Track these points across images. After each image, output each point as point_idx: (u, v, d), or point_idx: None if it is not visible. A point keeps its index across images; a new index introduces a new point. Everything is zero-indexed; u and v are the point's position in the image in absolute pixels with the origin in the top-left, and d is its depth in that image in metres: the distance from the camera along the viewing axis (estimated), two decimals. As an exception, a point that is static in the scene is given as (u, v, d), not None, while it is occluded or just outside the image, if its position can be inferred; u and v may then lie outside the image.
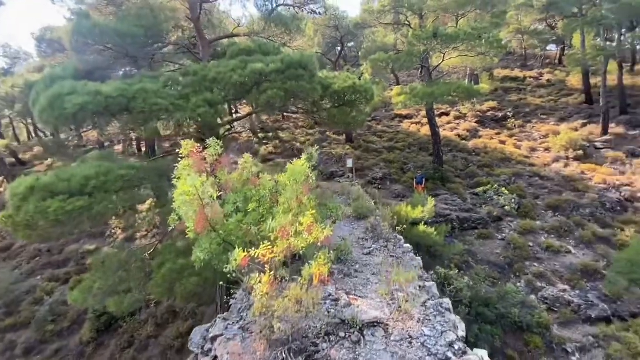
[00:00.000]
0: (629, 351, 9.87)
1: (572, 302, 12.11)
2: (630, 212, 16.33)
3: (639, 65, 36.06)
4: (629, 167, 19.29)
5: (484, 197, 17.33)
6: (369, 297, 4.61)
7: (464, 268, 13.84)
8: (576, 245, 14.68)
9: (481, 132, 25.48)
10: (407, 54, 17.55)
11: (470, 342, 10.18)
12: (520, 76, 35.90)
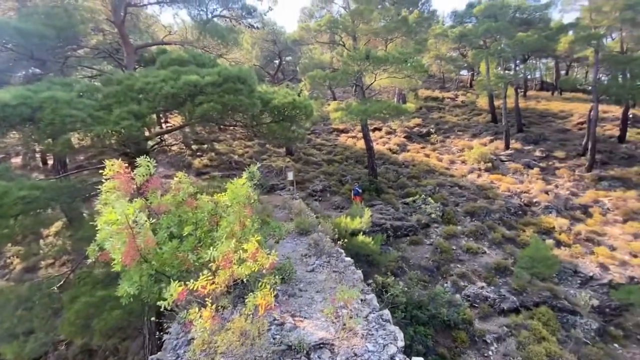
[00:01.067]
0: (535, 336, 11.51)
1: (488, 297, 13.73)
2: (529, 215, 19.34)
3: (530, 91, 43.61)
4: (526, 177, 22.95)
5: (413, 205, 18.85)
6: (314, 317, 4.61)
7: (399, 274, 14.76)
8: (490, 246, 16.79)
9: (409, 146, 27.86)
10: (343, 72, 18.49)
11: (407, 344, 10.87)
12: (440, 97, 40.42)
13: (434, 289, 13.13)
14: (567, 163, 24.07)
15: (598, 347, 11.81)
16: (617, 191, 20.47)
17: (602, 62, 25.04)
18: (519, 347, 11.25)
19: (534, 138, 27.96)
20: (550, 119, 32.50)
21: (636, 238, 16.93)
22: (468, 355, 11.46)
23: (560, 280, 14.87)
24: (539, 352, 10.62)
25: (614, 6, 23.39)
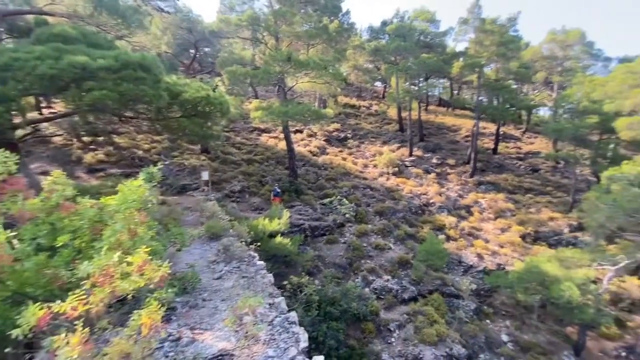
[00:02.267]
0: (428, 320, 13.13)
1: (393, 289, 15.17)
2: (427, 214, 22.07)
3: (430, 106, 49.90)
4: (425, 181, 26.15)
5: (330, 206, 19.68)
6: (216, 328, 4.37)
7: (315, 272, 15.20)
8: (395, 242, 18.59)
9: (328, 150, 29.04)
10: (264, 71, 18.22)
11: (320, 340, 11.26)
12: (356, 104, 43.21)
13: (346, 284, 13.89)
14: (456, 170, 28.30)
15: (475, 324, 14.15)
16: (491, 193, 24.96)
17: (483, 86, 30.21)
18: (416, 331, 12.72)
19: (432, 147, 32.12)
20: (445, 131, 37.80)
21: (503, 232, 20.89)
22: (374, 344, 12.44)
23: (448, 270, 17.36)
24: (431, 333, 12.19)
25: (492, 42, 28.49)
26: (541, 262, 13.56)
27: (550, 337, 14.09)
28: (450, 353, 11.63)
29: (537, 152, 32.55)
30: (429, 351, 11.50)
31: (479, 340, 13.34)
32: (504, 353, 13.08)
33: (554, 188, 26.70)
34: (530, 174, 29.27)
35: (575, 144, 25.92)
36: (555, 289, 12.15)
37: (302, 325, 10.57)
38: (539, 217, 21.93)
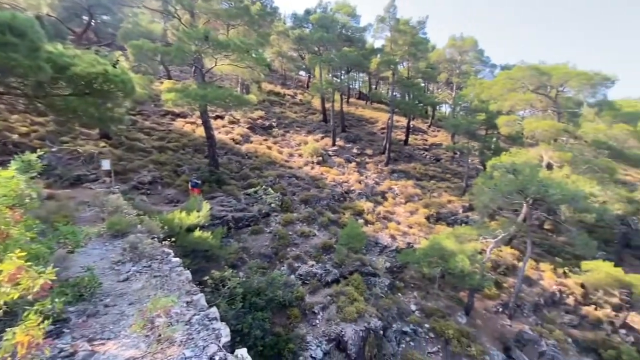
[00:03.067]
0: (349, 299, 14.02)
1: (317, 273, 15.74)
2: (348, 201, 23.33)
3: (351, 98, 52.33)
4: (347, 169, 27.54)
5: (255, 196, 19.25)
6: (122, 336, 3.87)
7: (239, 265, 14.78)
8: (319, 229, 19.23)
9: (252, 138, 28.16)
10: (178, 49, 16.47)
11: (244, 332, 11.07)
12: (281, 92, 42.70)
13: (272, 274, 13.88)
14: (373, 159, 30.49)
15: (389, 298, 15.69)
16: (402, 180, 27.66)
17: (397, 83, 32.92)
18: (338, 310, 13.47)
19: (353, 138, 33.91)
20: (364, 123, 40.24)
21: (412, 214, 23.42)
22: (300, 328, 12.79)
23: (367, 251, 18.77)
24: (351, 311, 13.07)
25: (405, 41, 31.08)
26: (441, 239, 15.69)
27: (448, 302, 16.54)
28: (368, 327, 12.69)
29: (439, 144, 37.18)
30: (350, 328, 12.35)
31: (392, 312, 14.86)
32: (412, 320, 14.86)
33: (452, 175, 30.99)
34: (434, 163, 33.35)
35: (468, 137, 30.36)
36: (452, 261, 14.23)
37: (226, 320, 10.21)
38: (440, 201, 25.26)
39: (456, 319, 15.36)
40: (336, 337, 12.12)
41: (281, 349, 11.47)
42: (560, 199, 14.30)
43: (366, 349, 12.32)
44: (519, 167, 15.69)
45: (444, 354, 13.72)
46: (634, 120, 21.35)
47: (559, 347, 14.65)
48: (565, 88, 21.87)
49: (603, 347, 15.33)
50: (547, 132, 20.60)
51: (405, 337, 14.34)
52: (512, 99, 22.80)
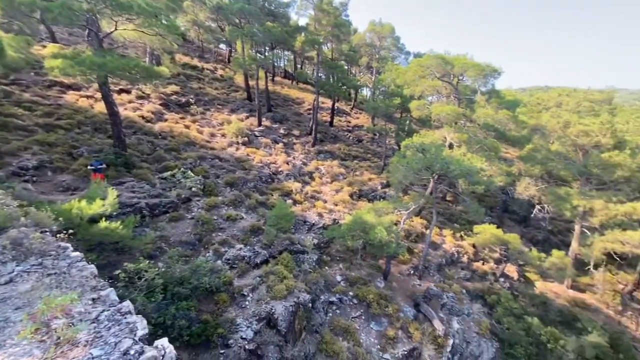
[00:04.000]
0: (279, 278, 14.24)
1: (245, 256, 15.51)
2: (276, 182, 23.23)
3: (277, 77, 51.06)
4: (274, 150, 27.21)
5: (172, 180, 17.71)
6: (8, 345, 3.23)
7: (157, 255, 13.64)
8: (246, 211, 18.82)
9: (167, 116, 25.52)
10: (63, 6, 13.58)
11: (168, 324, 10.42)
12: (199, 66, 39.25)
13: (196, 261, 13.20)
14: (300, 140, 30.72)
15: (316, 272, 16.42)
16: (328, 161, 28.64)
17: (321, 63, 33.21)
18: (268, 290, 13.60)
19: (280, 118, 33.46)
20: (291, 103, 39.94)
21: (337, 192, 24.57)
22: (229, 312, 12.58)
23: (295, 230, 19.16)
24: (281, 289, 13.33)
25: (328, 22, 31.26)
26: (363, 214, 16.90)
27: (369, 270, 18.13)
28: (298, 301, 13.17)
29: (361, 126, 39.30)
30: (280, 305, 12.63)
31: (320, 284, 15.66)
32: (338, 290, 15.93)
33: (372, 155, 33.27)
34: (356, 144, 35.23)
35: (386, 119, 32.72)
36: (372, 233, 15.53)
37: (145, 314, 9.43)
38: (362, 179, 27.01)
39: (376, 284, 16.99)
40: (266, 316, 12.29)
41: (210, 335, 11.18)
42: (458, 174, 16.64)
43: (296, 323, 12.82)
44: (426, 147, 17.64)
45: (366, 316, 15.16)
46: (513, 107, 25.72)
47: (456, 298, 17.49)
48: (465, 77, 25.04)
49: (488, 294, 18.84)
50: (450, 115, 23.47)
51: (332, 307, 15.34)
52: (422, 85, 25.20)
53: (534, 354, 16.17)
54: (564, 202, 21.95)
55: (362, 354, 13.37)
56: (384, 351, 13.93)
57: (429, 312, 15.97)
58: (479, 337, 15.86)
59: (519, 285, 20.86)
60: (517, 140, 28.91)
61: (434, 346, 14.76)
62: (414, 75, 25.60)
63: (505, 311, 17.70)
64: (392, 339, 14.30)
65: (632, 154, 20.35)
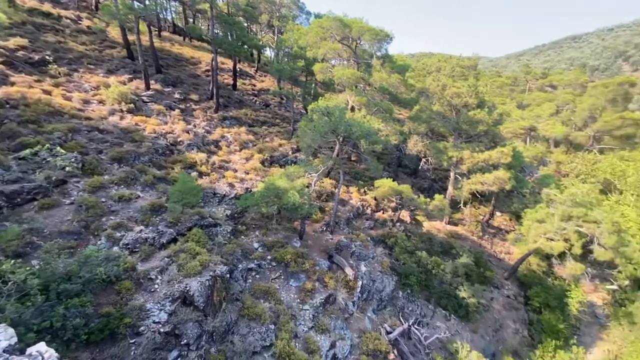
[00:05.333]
0: (191, 255, 13.47)
1: (148, 237, 14.08)
2: (176, 154, 21.05)
3: (164, 32, 44.13)
4: (169, 118, 24.25)
5: (35, 160, 14.30)
6: None
7: (29, 251, 11.24)
8: (143, 189, 16.75)
9: (14, 78, 19.81)
10: None
11: (57, 326, 8.95)
12: (53, 13, 30.92)
13: (85, 251, 11.38)
14: (201, 105, 28.06)
15: (232, 243, 16.11)
16: (235, 128, 27.16)
17: (216, 18, 29.93)
18: (179, 269, 12.79)
19: (172, 80, 29.60)
20: (184, 63, 35.52)
21: (248, 160, 23.82)
22: (136, 299, 11.49)
23: (205, 204, 18.12)
24: (194, 265, 12.69)
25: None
26: (275, 180, 16.92)
27: (285, 233, 18.69)
28: (214, 274, 12.82)
29: (267, 89, 37.97)
30: (195, 281, 12.10)
31: (236, 254, 15.50)
32: (256, 257, 16.08)
33: (281, 120, 32.87)
34: (264, 109, 34.13)
35: (291, 83, 32.30)
36: (285, 198, 15.79)
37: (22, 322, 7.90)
38: (273, 145, 26.69)
39: (292, 244, 17.72)
40: (181, 295, 11.67)
41: (115, 327, 10.10)
42: (360, 135, 17.89)
43: (214, 295, 12.57)
44: (331, 110, 18.25)
45: (285, 276, 15.86)
46: (403, 71, 28.31)
47: (362, 245, 19.66)
48: (362, 41, 26.10)
49: (388, 238, 21.71)
50: (350, 79, 24.53)
51: (251, 273, 15.50)
52: (324, 47, 25.37)
53: (423, 280, 19.75)
54: (442, 154, 26.11)
55: (284, 310, 14.13)
56: (303, 303, 14.98)
57: (341, 262, 17.63)
58: (382, 274, 18.41)
59: (411, 227, 24.62)
60: (407, 102, 32.41)
61: (346, 289, 16.57)
62: (316, 37, 25.49)
63: (401, 250, 20.82)
64: (310, 291, 15.43)
65: (489, 111, 25.11)
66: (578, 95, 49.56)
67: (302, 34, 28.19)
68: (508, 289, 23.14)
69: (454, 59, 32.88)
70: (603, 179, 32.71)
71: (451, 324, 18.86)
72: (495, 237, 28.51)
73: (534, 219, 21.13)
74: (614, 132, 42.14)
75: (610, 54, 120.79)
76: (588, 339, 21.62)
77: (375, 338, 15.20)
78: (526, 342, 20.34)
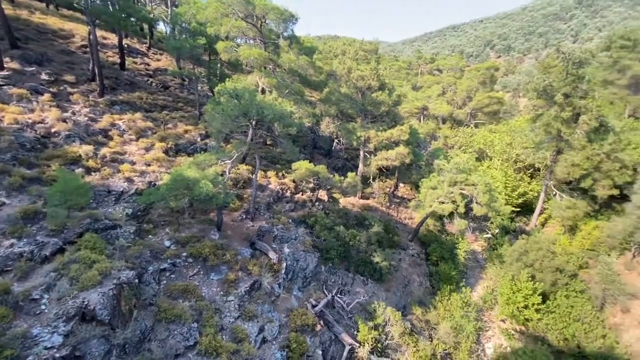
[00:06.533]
0: (86, 264, 11.60)
1: (24, 252, 11.63)
2: (51, 148, 17.44)
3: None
4: (37, 105, 19.75)
5: None
6: None
7: None
8: (8, 194, 13.56)
9: None
10: None
11: None
12: None
13: None
14: (79, 88, 23.54)
15: (138, 244, 14.43)
16: (128, 114, 23.73)
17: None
18: (72, 282, 10.95)
19: (36, 58, 23.96)
20: (51, 37, 29.02)
21: (148, 151, 21.25)
22: (17, 326, 9.54)
23: (98, 204, 15.68)
24: (92, 275, 11.01)
25: None
26: (183, 170, 15.54)
27: (201, 226, 17.59)
28: (120, 281, 11.39)
29: (165, 69, 33.93)
30: (95, 293, 10.55)
31: (144, 256, 13.99)
32: (169, 255, 14.80)
33: (184, 104, 30.02)
34: (162, 92, 30.56)
35: (193, 62, 29.55)
36: (197, 189, 14.71)
37: None
38: (177, 132, 24.32)
39: (210, 237, 16.84)
40: (78, 311, 10.05)
41: (-14, 367, 8.22)
42: (273, 118, 17.63)
43: (122, 304, 11.23)
44: (240, 92, 17.42)
45: (204, 270, 15.07)
46: (310, 53, 28.63)
47: (284, 228, 19.91)
48: (268, 20, 25.25)
49: (308, 218, 22.42)
50: (258, 60, 23.70)
51: (165, 273, 14.27)
52: (227, 25, 23.75)
53: (342, 252, 21.19)
54: (352, 135, 27.77)
55: (206, 306, 13.51)
56: (227, 295, 14.57)
57: (264, 247, 17.58)
58: (305, 253, 19.06)
59: (329, 205, 25.90)
60: (318, 85, 33.14)
61: (271, 273, 16.70)
62: (216, 13, 23.62)
63: (321, 227, 21.82)
64: (234, 281, 15.05)
65: (389, 93, 27.49)
66: (458, 78, 58.08)
67: (199, 8, 25.77)
68: (412, 248, 26.62)
69: (357, 42, 34.57)
70: (478, 149, 39.62)
71: (369, 288, 20.88)
72: (400, 205, 32.15)
73: (428, 187, 24.45)
74: (484, 109, 51.09)
75: (480, 43, 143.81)
76: (473, 280, 26.63)
77: (303, 314, 15.85)
78: (428, 291, 23.95)
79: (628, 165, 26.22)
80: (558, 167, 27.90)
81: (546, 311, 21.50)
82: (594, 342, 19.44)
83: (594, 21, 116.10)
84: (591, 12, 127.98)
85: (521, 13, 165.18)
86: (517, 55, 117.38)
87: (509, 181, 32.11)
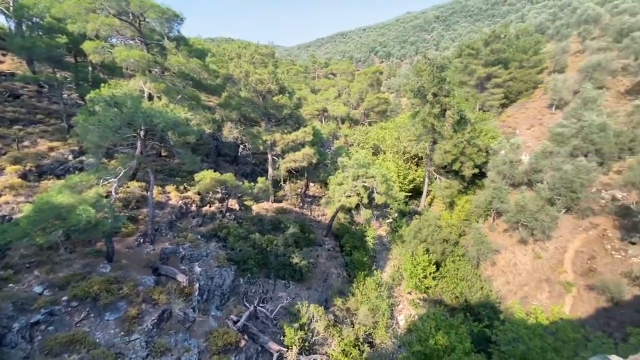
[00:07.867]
0: None
1: None
2: None
3: None
4: None
5: None
6: None
7: None
8: None
9: None
10: None
11: None
12: None
13: None
14: None
15: (-8, 299, 11.20)
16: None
17: None
18: None
19: None
20: None
21: None
22: None
23: None
24: None
25: None
26: (52, 197, 12.68)
27: (85, 260, 14.70)
28: (-36, 355, 8.60)
29: (11, 74, 27.17)
30: None
31: (6, 312, 10.95)
32: (43, 304, 11.91)
33: (45, 115, 24.62)
34: (10, 102, 24.42)
35: (53, 65, 24.49)
36: (74, 217, 12.20)
37: None
38: (37, 150, 19.77)
39: (99, 271, 14.23)
40: None
41: None
42: (165, 126, 15.91)
43: (-28, 384, 8.51)
44: (120, 99, 15.15)
45: (95, 312, 12.64)
46: (202, 56, 26.92)
47: (192, 246, 18.27)
48: (148, 19, 22.65)
49: (219, 230, 21.09)
50: (139, 62, 21.10)
51: (40, 327, 11.46)
52: (95, 22, 20.42)
53: (261, 260, 20.67)
54: (257, 139, 27.32)
55: (103, 353, 11.35)
56: (130, 333, 12.55)
57: (170, 271, 15.78)
58: (219, 269, 17.88)
59: (241, 213, 24.92)
60: (215, 89, 31.40)
61: (182, 298, 15.12)
62: (78, 7, 20.04)
63: (235, 238, 20.82)
64: (136, 316, 13.06)
65: (290, 96, 27.98)
66: (350, 82, 63.13)
67: (54, 1, 21.48)
68: (328, 243, 27.81)
69: (252, 46, 34.13)
70: (373, 144, 43.85)
71: (291, 290, 20.91)
72: (312, 204, 33.19)
73: (335, 183, 25.88)
74: (375, 109, 56.88)
75: (366, 49, 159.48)
76: (382, 263, 29.36)
77: (224, 333, 14.83)
78: (346, 280, 25.39)
79: (482, 149, 32.94)
80: (435, 155, 33.06)
81: (440, 277, 25.30)
82: (476, 294, 23.76)
83: (448, 33, 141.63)
84: (446, 26, 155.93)
85: (395, 24, 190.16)
86: (396, 60, 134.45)
87: (400, 170, 36.55)
